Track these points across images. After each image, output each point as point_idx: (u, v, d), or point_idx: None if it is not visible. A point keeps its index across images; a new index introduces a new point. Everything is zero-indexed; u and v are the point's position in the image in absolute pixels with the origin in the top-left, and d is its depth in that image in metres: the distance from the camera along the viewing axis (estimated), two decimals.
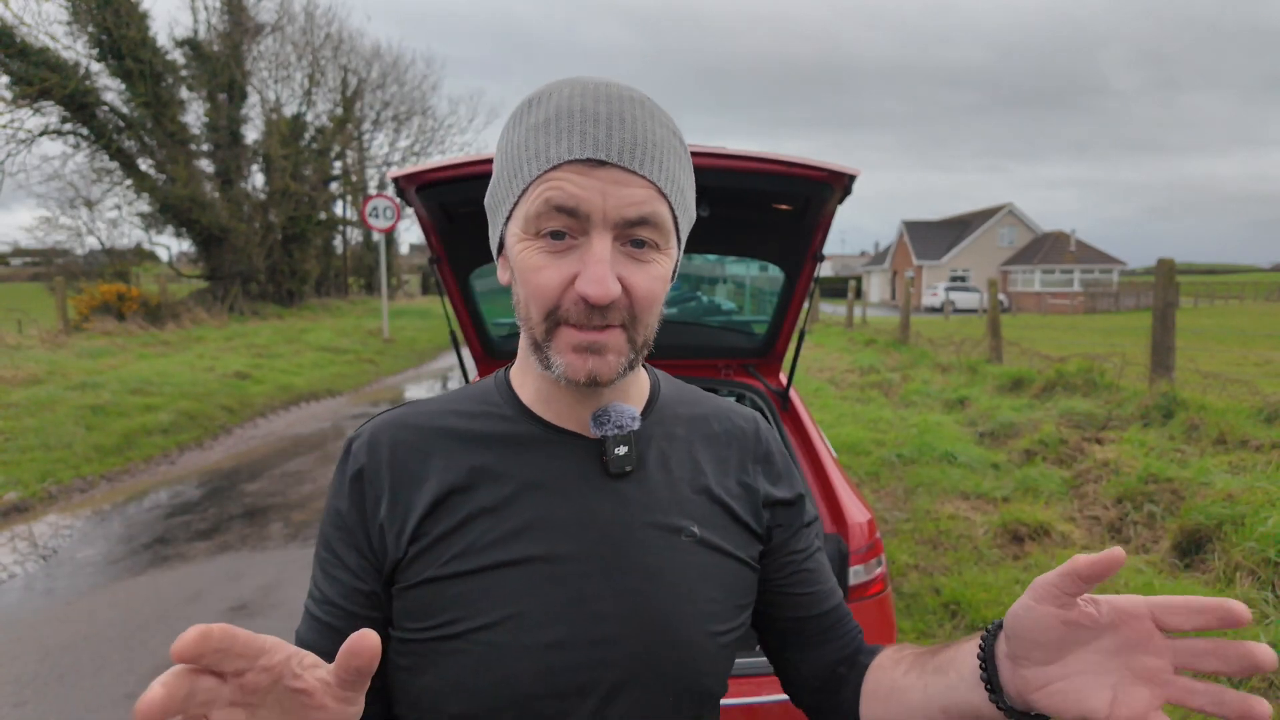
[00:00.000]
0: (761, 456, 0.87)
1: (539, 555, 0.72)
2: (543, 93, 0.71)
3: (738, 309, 3.74)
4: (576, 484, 0.76)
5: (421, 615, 0.72)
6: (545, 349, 0.71)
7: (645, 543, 0.75)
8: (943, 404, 8.79)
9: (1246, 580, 3.59)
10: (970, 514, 5.00)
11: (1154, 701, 0.55)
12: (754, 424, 0.89)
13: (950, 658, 0.70)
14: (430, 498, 0.74)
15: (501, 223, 0.74)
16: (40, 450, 7.00)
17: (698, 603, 0.76)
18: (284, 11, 25.29)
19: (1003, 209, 48.98)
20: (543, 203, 0.67)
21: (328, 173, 28.51)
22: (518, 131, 0.71)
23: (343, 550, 0.75)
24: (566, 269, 0.68)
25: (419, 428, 0.78)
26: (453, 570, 0.72)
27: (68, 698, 3.15)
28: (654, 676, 0.73)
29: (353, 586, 0.75)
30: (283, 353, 13.94)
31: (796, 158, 2.11)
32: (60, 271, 20.72)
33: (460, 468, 0.75)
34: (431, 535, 0.73)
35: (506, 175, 0.71)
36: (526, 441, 0.77)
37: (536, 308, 0.69)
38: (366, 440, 0.78)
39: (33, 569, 4.60)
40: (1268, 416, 5.79)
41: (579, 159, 0.66)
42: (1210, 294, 42.96)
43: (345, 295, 32.00)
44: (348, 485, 0.76)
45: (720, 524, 0.80)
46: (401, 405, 0.82)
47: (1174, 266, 6.83)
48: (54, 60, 17.66)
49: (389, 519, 0.74)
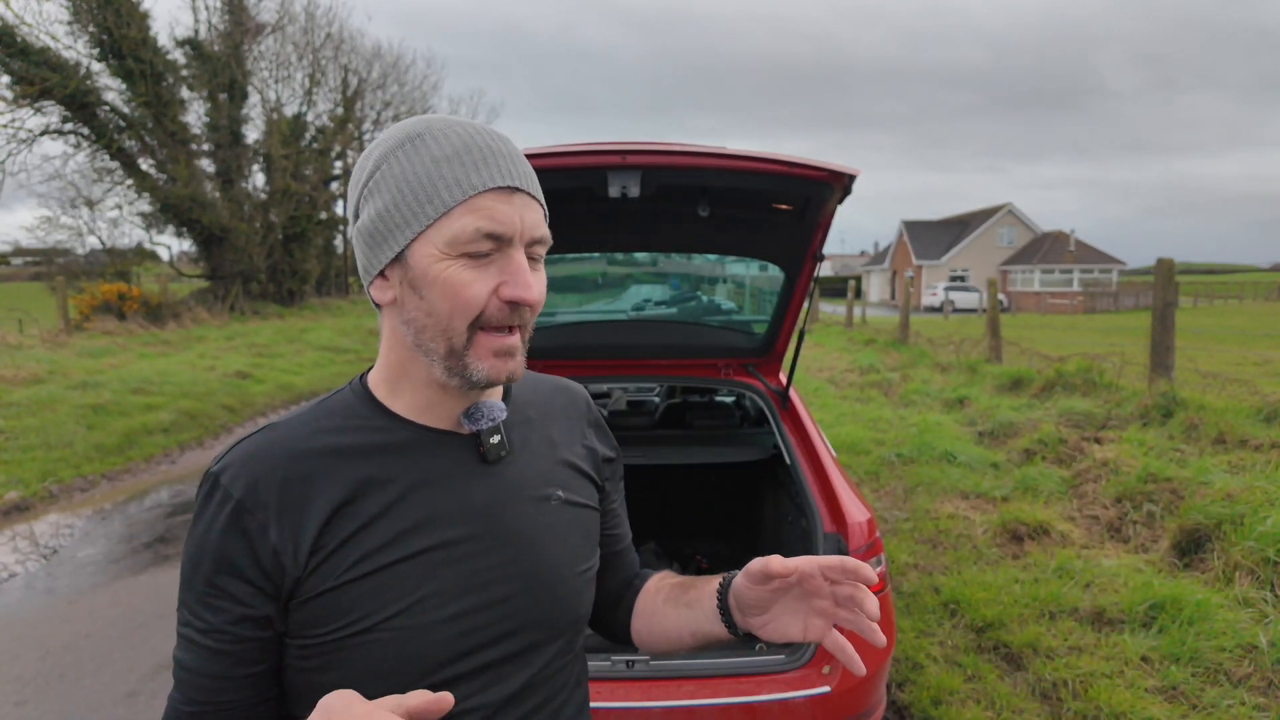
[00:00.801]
0: (593, 422, 1.04)
1: (432, 545, 0.81)
2: (429, 129, 0.80)
3: (738, 309, 3.74)
4: (457, 476, 0.84)
5: (326, 620, 0.78)
6: (464, 356, 0.79)
7: (521, 514, 0.87)
8: (942, 403, 8.80)
9: (1246, 579, 3.59)
10: (970, 513, 5.00)
11: (826, 627, 0.84)
12: (585, 396, 1.06)
13: (697, 597, 0.97)
14: (323, 515, 0.78)
15: (399, 246, 0.79)
16: (41, 449, 7.01)
17: (567, 551, 0.91)
18: (285, 11, 25.30)
19: (1002, 209, 48.95)
20: (474, 230, 0.76)
21: (328, 172, 28.52)
22: (417, 162, 0.78)
23: (225, 582, 0.77)
24: (491, 280, 0.78)
25: (292, 453, 0.80)
26: (354, 575, 0.78)
27: (69, 696, 3.16)
28: (540, 615, 0.87)
29: (241, 614, 0.77)
30: (283, 352, 13.96)
31: (796, 157, 2.12)
32: (61, 271, 20.69)
33: (344, 481, 0.80)
34: (328, 548, 0.78)
35: (412, 201, 0.78)
36: (404, 447, 0.83)
37: (461, 317, 0.78)
38: (240, 471, 0.79)
39: (34, 568, 4.60)
40: (1267, 416, 5.79)
41: (500, 186, 0.78)
42: (1209, 294, 42.94)
43: (346, 295, 32.01)
44: (225, 519, 0.77)
45: (576, 484, 0.96)
46: (261, 429, 0.83)
47: (1173, 266, 6.83)
48: (55, 60, 17.67)
49: (281, 542, 0.77)
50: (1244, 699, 2.83)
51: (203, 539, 0.78)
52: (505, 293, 0.77)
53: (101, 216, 24.98)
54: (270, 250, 24.04)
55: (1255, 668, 3.00)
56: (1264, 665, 2.99)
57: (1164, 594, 3.46)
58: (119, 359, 12.05)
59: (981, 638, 3.43)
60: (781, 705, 2.07)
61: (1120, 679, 2.99)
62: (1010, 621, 3.47)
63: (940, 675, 3.10)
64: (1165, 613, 3.37)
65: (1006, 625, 3.45)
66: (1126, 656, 3.14)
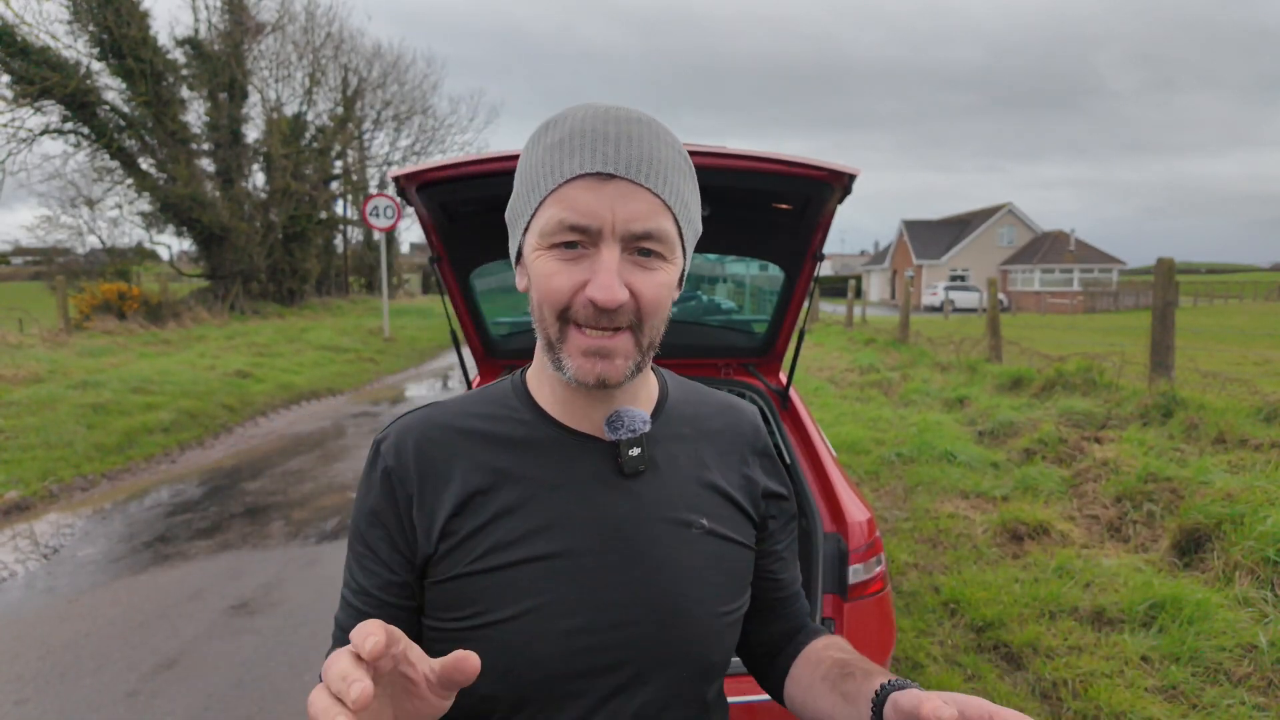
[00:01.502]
0: (760, 451, 0.95)
1: (557, 552, 0.78)
2: (559, 116, 0.78)
3: (738, 308, 3.74)
4: (592, 484, 0.81)
5: (452, 607, 0.79)
6: (558, 350, 0.77)
7: (657, 537, 0.81)
8: (942, 403, 8.80)
9: (1245, 579, 3.60)
10: (970, 513, 5.00)
11: None
12: (753, 421, 0.97)
13: (855, 691, 0.81)
14: (456, 499, 0.80)
15: (520, 234, 0.80)
16: (41, 449, 7.01)
17: (706, 587, 0.83)
18: (285, 11, 25.26)
19: (1002, 208, 48.94)
20: (556, 223, 0.73)
21: (328, 172, 28.50)
22: (535, 151, 0.77)
23: (377, 544, 0.81)
24: (578, 275, 0.74)
25: (443, 427, 0.83)
26: (479, 567, 0.78)
27: (69, 695, 3.16)
28: (668, 654, 0.81)
29: (387, 579, 0.81)
30: (283, 351, 13.95)
31: (797, 157, 2.12)
32: (61, 270, 20.72)
33: (483, 469, 0.81)
34: (459, 534, 0.79)
35: (525, 191, 0.78)
36: (543, 445, 0.82)
37: (549, 309, 0.75)
38: (394, 441, 0.83)
39: (34, 567, 4.60)
40: (1267, 416, 5.79)
41: (589, 173, 0.73)
42: (1210, 293, 42.92)
43: (346, 294, 32.00)
44: (378, 483, 0.82)
45: (726, 514, 0.88)
46: (425, 406, 0.87)
47: (1173, 266, 6.83)
48: (55, 59, 17.67)
49: (419, 516, 0.80)
50: (1244, 698, 2.83)
51: (362, 501, 0.83)
52: (585, 291, 0.73)
53: (101, 216, 25.02)
54: (270, 250, 24.03)
55: (1255, 667, 3.00)
56: (1264, 665, 2.99)
57: (1164, 593, 3.46)
58: (119, 358, 12.05)
59: (981, 637, 3.43)
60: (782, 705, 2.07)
61: (1120, 678, 2.99)
62: (1010, 621, 3.48)
63: (940, 675, 3.11)
64: (1165, 612, 3.37)
65: (1006, 625, 3.45)
66: (1126, 656, 3.14)
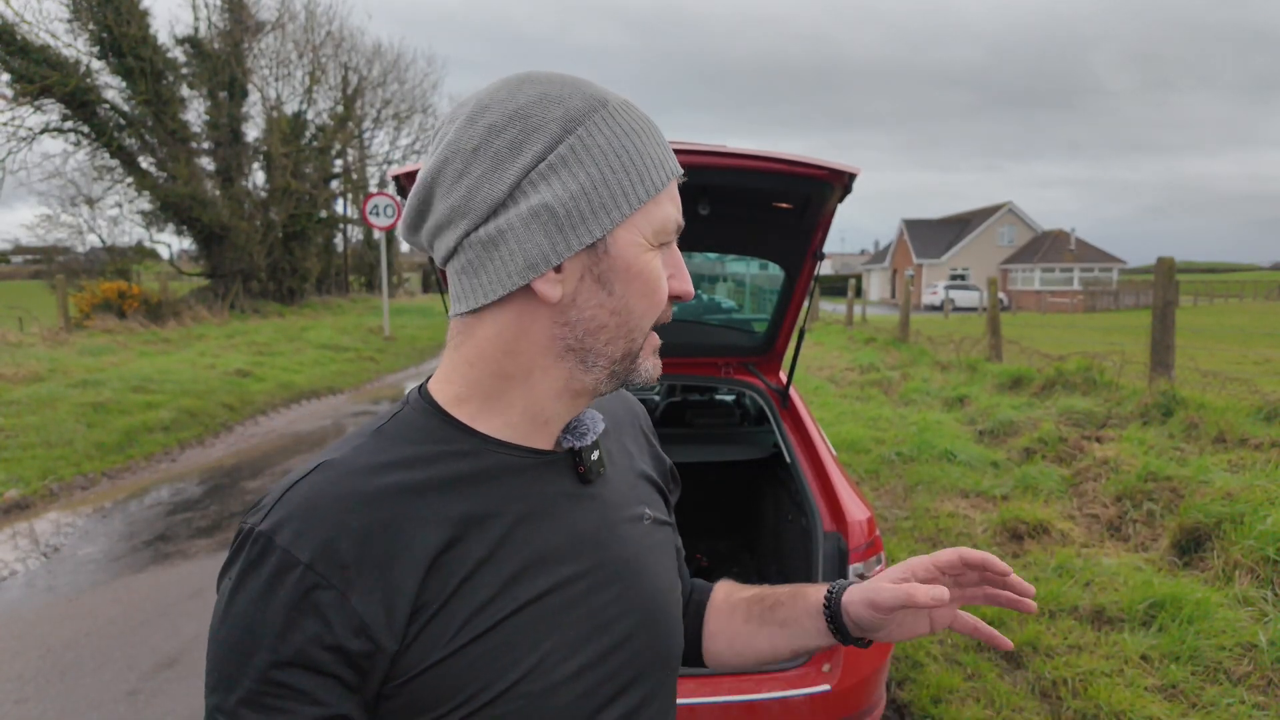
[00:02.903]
0: (649, 429, 0.94)
1: (547, 589, 0.68)
2: (606, 97, 0.68)
3: (738, 307, 3.75)
4: (561, 502, 0.72)
5: (435, 702, 0.63)
6: (638, 357, 0.72)
7: (625, 538, 0.77)
8: (942, 402, 8.80)
9: (1245, 578, 3.60)
10: (970, 512, 5.00)
11: (952, 612, 0.80)
12: (636, 401, 0.96)
13: (792, 615, 0.87)
14: (421, 567, 0.63)
15: (601, 230, 0.66)
16: (42, 448, 7.01)
17: (667, 576, 0.81)
18: (285, 9, 25.25)
19: (1002, 207, 48.95)
20: (675, 221, 0.70)
21: (329, 171, 28.50)
22: (622, 135, 0.66)
23: (291, 677, 0.59)
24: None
25: (365, 495, 0.64)
26: (466, 639, 0.64)
27: (70, 694, 3.16)
28: (658, 653, 0.78)
29: (312, 717, 0.60)
30: (284, 350, 13.95)
31: (797, 156, 2.12)
32: (61, 269, 20.71)
33: (439, 523, 0.65)
34: (432, 607, 0.63)
35: (624, 179, 0.66)
36: (500, 472, 0.70)
37: (652, 315, 0.70)
38: (303, 529, 0.61)
39: (34, 566, 4.61)
40: (1267, 415, 5.79)
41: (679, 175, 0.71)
42: (1210, 293, 42.90)
43: (346, 293, 32.00)
44: (288, 593, 0.59)
45: (655, 499, 0.86)
46: (310, 474, 0.65)
47: (1173, 265, 6.82)
48: (55, 58, 17.67)
49: (369, 611, 0.61)
50: (1243, 697, 2.83)
51: (254, 620, 0.60)
52: (674, 287, 0.71)
53: (101, 215, 25.10)
54: (270, 249, 24.02)
55: (1255, 666, 3.00)
56: (1263, 664, 3.00)
57: (1164, 593, 3.46)
58: (119, 357, 12.05)
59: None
60: (781, 703, 2.07)
61: (1120, 677, 3.00)
62: (1010, 620, 3.48)
63: (940, 673, 3.11)
64: (1165, 611, 3.37)
65: (1006, 623, 3.45)
66: (1126, 655, 3.14)
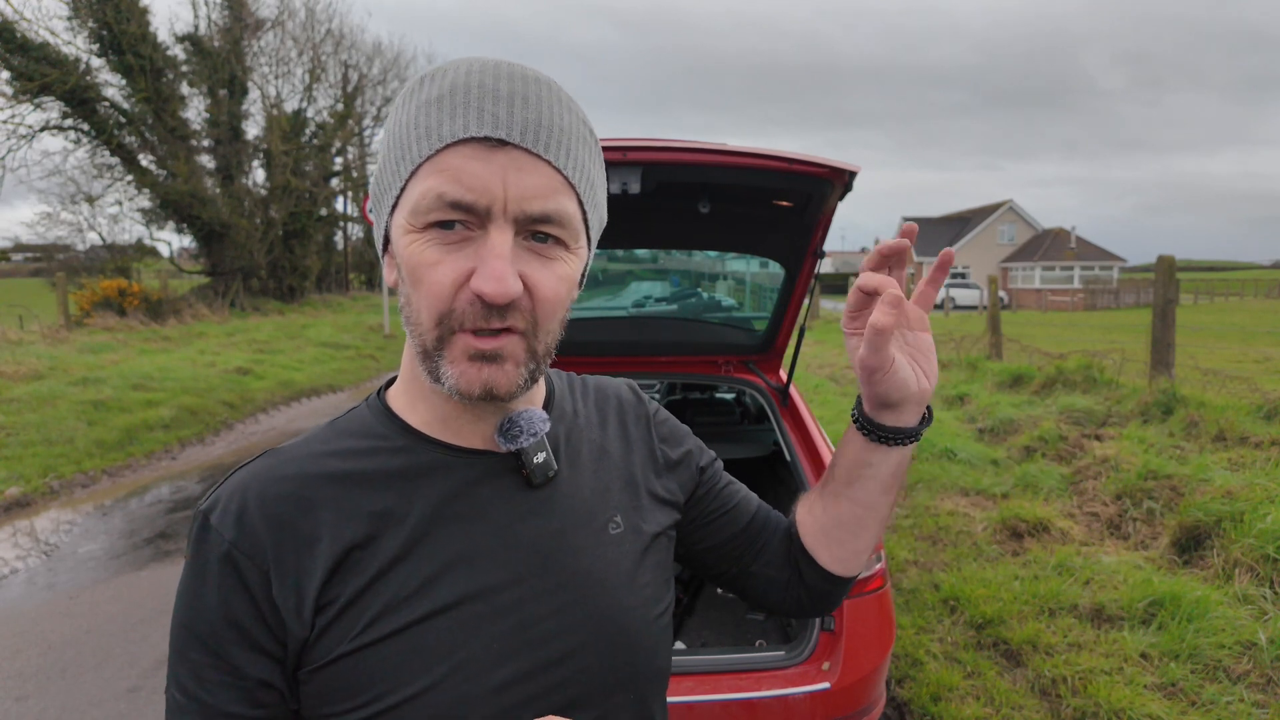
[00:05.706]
0: (650, 415, 0.87)
1: (469, 594, 0.65)
2: (439, 69, 0.63)
3: (738, 305, 3.74)
4: (497, 505, 0.68)
5: (344, 695, 0.62)
6: (436, 359, 0.62)
7: (578, 548, 0.70)
8: (943, 400, 8.79)
9: (1245, 577, 3.60)
10: (970, 510, 5.00)
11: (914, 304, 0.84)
12: (629, 389, 0.89)
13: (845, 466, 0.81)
14: (329, 559, 0.63)
15: (387, 213, 0.64)
16: (42, 445, 7.01)
17: (636, 591, 0.73)
18: (284, 7, 25.24)
19: (1003, 206, 48.92)
20: (434, 197, 0.59)
21: (329, 168, 28.49)
22: (407, 110, 0.62)
23: (228, 649, 0.62)
24: (461, 264, 0.60)
25: (292, 477, 0.65)
26: (371, 637, 0.62)
27: (70, 692, 3.16)
28: (614, 674, 0.70)
29: (247, 690, 0.62)
30: (284, 348, 13.96)
31: (797, 154, 2.12)
32: (61, 267, 20.66)
33: (356, 517, 0.64)
34: (339, 602, 0.63)
35: (393, 159, 0.62)
36: (429, 471, 0.67)
37: (428, 311, 0.61)
38: (229, 509, 0.64)
39: (35, 564, 4.61)
40: (1267, 413, 5.79)
41: (475, 137, 0.59)
42: (1210, 291, 42.85)
43: (346, 291, 32.03)
44: (216, 567, 0.62)
45: (639, 504, 0.78)
46: (259, 456, 0.68)
47: (1174, 263, 6.82)
48: (54, 56, 17.64)
49: (282, 595, 0.62)
50: (1243, 696, 2.83)
51: (195, 595, 0.63)
52: (471, 283, 0.60)
53: (102, 212, 25.04)
54: (270, 246, 24.02)
55: (1254, 664, 3.00)
56: (1263, 662, 3.00)
57: (1163, 591, 3.46)
58: (119, 355, 12.05)
59: (981, 634, 3.43)
60: (781, 702, 2.07)
61: (1119, 676, 3.00)
62: (1010, 618, 3.48)
63: (940, 672, 3.11)
64: (1165, 610, 3.38)
65: (1006, 622, 3.45)
66: (1126, 653, 3.14)
